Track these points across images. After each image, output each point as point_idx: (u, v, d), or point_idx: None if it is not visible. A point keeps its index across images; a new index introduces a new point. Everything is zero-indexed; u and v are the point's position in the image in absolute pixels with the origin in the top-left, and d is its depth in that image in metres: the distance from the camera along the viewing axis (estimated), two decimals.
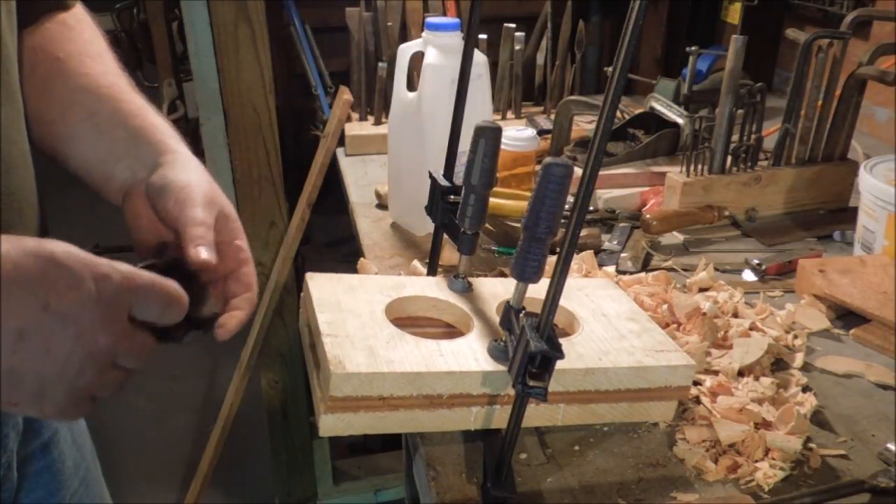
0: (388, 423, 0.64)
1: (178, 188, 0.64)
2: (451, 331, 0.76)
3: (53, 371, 0.48)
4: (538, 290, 0.67)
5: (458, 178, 0.80)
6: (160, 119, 0.72)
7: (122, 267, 0.51)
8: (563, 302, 0.75)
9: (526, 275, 0.62)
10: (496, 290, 0.81)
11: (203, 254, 0.60)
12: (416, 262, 0.98)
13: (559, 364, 0.60)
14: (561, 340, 0.66)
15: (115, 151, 0.69)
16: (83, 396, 0.52)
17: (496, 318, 0.74)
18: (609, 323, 0.76)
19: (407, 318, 0.77)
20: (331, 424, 0.63)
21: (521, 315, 0.61)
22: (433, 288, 0.79)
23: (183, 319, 0.55)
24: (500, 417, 0.67)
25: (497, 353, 0.67)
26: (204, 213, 0.63)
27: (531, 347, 0.57)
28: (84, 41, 0.74)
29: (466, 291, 0.79)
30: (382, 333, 0.68)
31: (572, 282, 0.84)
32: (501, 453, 0.62)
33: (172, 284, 0.54)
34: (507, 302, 0.66)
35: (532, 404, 0.66)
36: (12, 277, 0.46)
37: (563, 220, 0.61)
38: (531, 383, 0.57)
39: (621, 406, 0.70)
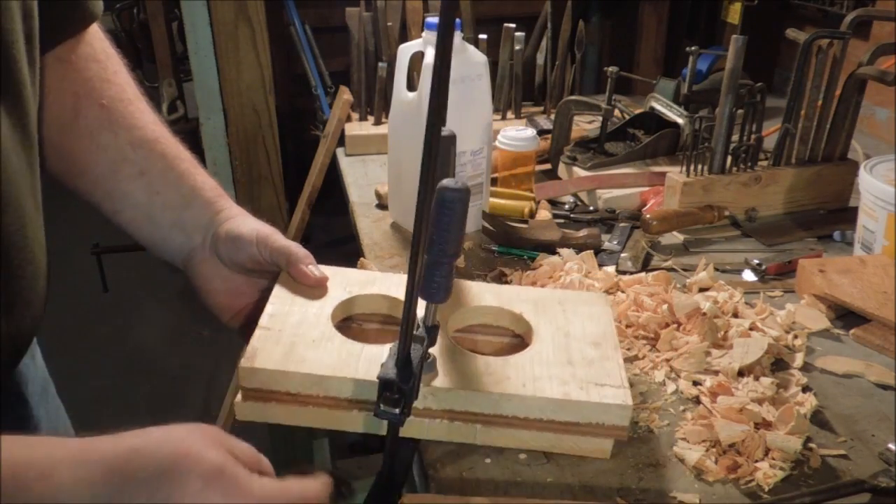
0: (300, 418, 0.66)
1: (253, 235, 0.73)
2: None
3: None
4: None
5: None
6: (204, 173, 0.76)
7: (275, 495, 0.51)
8: (534, 315, 0.75)
9: (429, 296, 0.58)
10: (472, 292, 0.78)
11: (317, 272, 0.73)
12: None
13: (475, 384, 0.61)
14: (496, 359, 0.67)
15: (169, 216, 0.73)
16: None
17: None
18: (566, 345, 0.72)
19: (384, 316, 0.77)
20: (246, 411, 0.66)
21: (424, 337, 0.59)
22: (401, 287, 0.77)
23: None
24: (409, 427, 0.65)
25: (428, 367, 0.65)
26: (288, 242, 0.73)
27: (380, 372, 0.56)
28: (122, 83, 0.75)
29: None
30: (314, 332, 0.69)
31: (558, 294, 0.82)
32: (381, 477, 0.61)
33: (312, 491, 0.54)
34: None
35: (447, 421, 0.65)
36: (168, 494, 0.46)
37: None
38: (382, 407, 0.56)
39: (546, 436, 0.66)
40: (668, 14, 1.96)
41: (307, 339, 0.68)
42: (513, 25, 1.59)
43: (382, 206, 1.26)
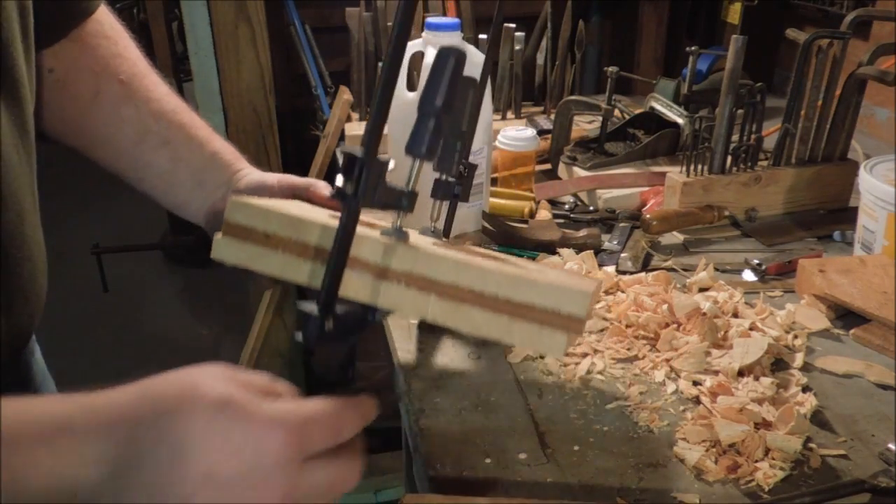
0: (268, 263, 0.67)
1: (274, 179, 0.78)
2: None
3: None
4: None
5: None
6: (221, 139, 0.81)
7: (289, 419, 0.47)
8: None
9: (411, 146, 0.59)
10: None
11: (327, 190, 0.76)
12: None
13: (436, 251, 0.61)
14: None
15: (191, 179, 0.78)
16: None
17: None
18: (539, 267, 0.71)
19: None
20: (222, 247, 0.68)
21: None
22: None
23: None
24: (361, 285, 0.64)
25: (397, 233, 0.64)
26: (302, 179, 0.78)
27: (348, 154, 0.54)
28: (133, 57, 0.79)
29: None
30: (305, 206, 0.72)
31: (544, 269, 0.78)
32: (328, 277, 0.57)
33: (329, 411, 0.50)
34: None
35: (402, 286, 0.63)
36: (181, 443, 0.44)
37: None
38: (341, 186, 0.54)
39: (500, 319, 0.62)
40: (668, 14, 1.96)
41: (294, 205, 0.71)
42: (513, 25, 1.59)
43: None
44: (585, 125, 1.56)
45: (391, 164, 0.57)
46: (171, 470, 0.44)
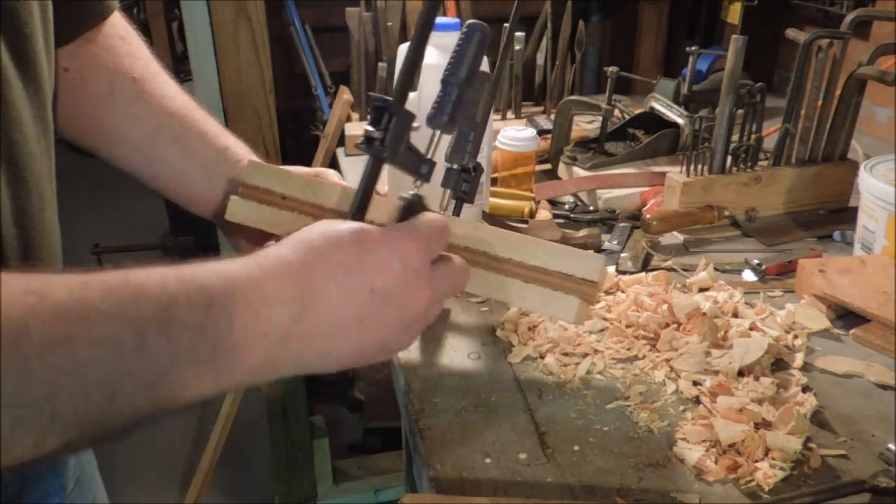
0: (283, 224, 0.70)
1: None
2: None
3: (392, 335, 0.56)
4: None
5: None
6: (232, 135, 0.84)
7: (413, 233, 0.58)
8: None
9: (431, 118, 0.64)
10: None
11: (340, 180, 0.80)
12: None
13: (451, 217, 0.64)
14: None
15: (204, 173, 0.80)
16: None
17: None
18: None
19: None
20: (238, 208, 0.72)
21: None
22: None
23: None
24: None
25: (415, 198, 0.65)
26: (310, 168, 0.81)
27: (377, 102, 0.58)
28: (146, 57, 0.82)
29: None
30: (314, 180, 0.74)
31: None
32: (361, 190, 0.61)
33: (437, 219, 0.60)
34: None
35: None
36: (342, 272, 0.53)
37: None
38: (369, 134, 0.59)
39: (514, 283, 0.64)
40: (668, 14, 1.96)
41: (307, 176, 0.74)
42: None
43: None
44: (585, 125, 1.56)
45: (416, 123, 0.60)
46: (341, 296, 0.53)
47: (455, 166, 0.76)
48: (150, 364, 0.45)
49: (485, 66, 1.07)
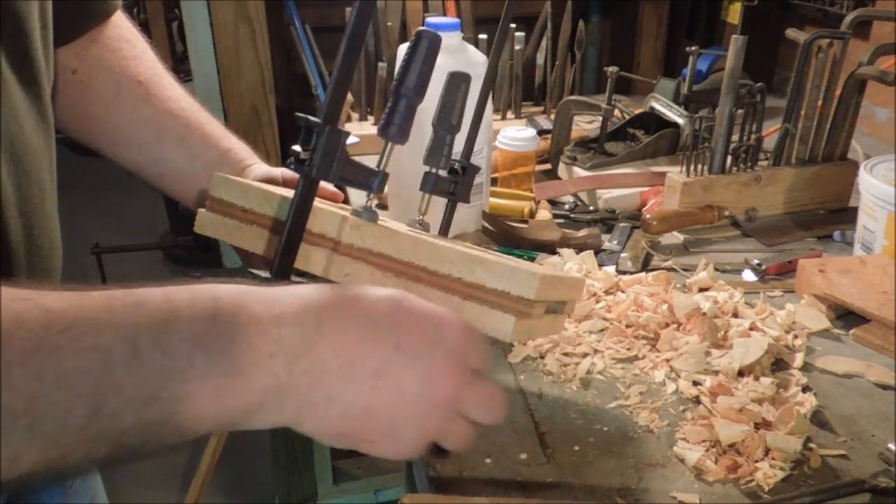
0: (244, 237, 0.69)
1: (279, 172, 0.81)
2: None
3: (405, 411, 0.50)
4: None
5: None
6: (234, 137, 0.85)
7: (457, 319, 0.53)
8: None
9: (384, 130, 0.63)
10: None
11: (333, 189, 0.79)
12: None
13: (395, 229, 0.62)
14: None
15: (209, 172, 0.79)
16: (430, 440, 0.52)
17: None
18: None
19: None
20: (205, 220, 0.71)
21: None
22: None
23: None
24: (317, 258, 0.65)
25: (367, 212, 0.65)
26: None
27: (303, 122, 0.57)
28: (151, 59, 0.83)
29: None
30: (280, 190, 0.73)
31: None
32: (285, 239, 0.59)
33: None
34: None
35: (358, 262, 0.64)
36: (371, 317, 0.49)
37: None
38: (300, 156, 0.57)
39: (451, 300, 0.63)
40: (668, 14, 1.96)
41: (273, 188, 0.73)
42: (513, 25, 1.59)
43: (382, 206, 1.26)
44: (585, 125, 1.56)
45: (352, 139, 0.59)
46: (361, 337, 0.48)
47: (433, 170, 0.76)
48: (140, 378, 0.42)
49: (480, 65, 1.08)
